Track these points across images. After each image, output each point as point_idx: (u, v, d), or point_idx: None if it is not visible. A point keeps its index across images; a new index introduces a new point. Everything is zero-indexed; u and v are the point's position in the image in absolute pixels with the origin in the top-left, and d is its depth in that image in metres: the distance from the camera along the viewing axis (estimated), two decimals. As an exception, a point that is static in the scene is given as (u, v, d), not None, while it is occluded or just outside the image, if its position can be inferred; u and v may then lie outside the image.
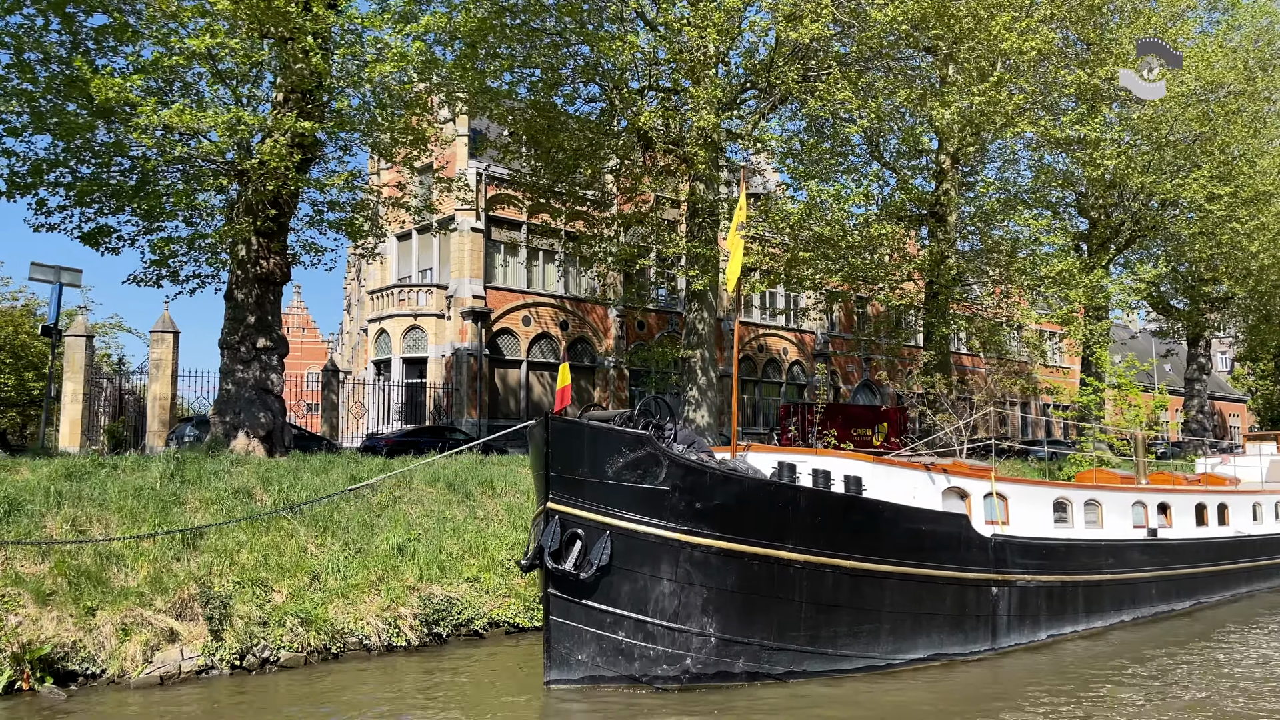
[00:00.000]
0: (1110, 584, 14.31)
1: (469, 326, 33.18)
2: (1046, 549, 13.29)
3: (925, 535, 11.59)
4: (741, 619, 10.51)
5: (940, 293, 31.28)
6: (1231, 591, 17.57)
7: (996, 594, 12.41)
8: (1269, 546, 19.12)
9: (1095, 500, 15.11)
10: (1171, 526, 16.72)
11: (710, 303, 25.58)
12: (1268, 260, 37.18)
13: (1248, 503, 19.09)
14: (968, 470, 13.47)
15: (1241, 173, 33.78)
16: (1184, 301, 47.18)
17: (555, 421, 10.72)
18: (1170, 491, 16.96)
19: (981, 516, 13.10)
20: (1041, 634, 13.13)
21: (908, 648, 11.48)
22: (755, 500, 10.54)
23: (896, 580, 11.30)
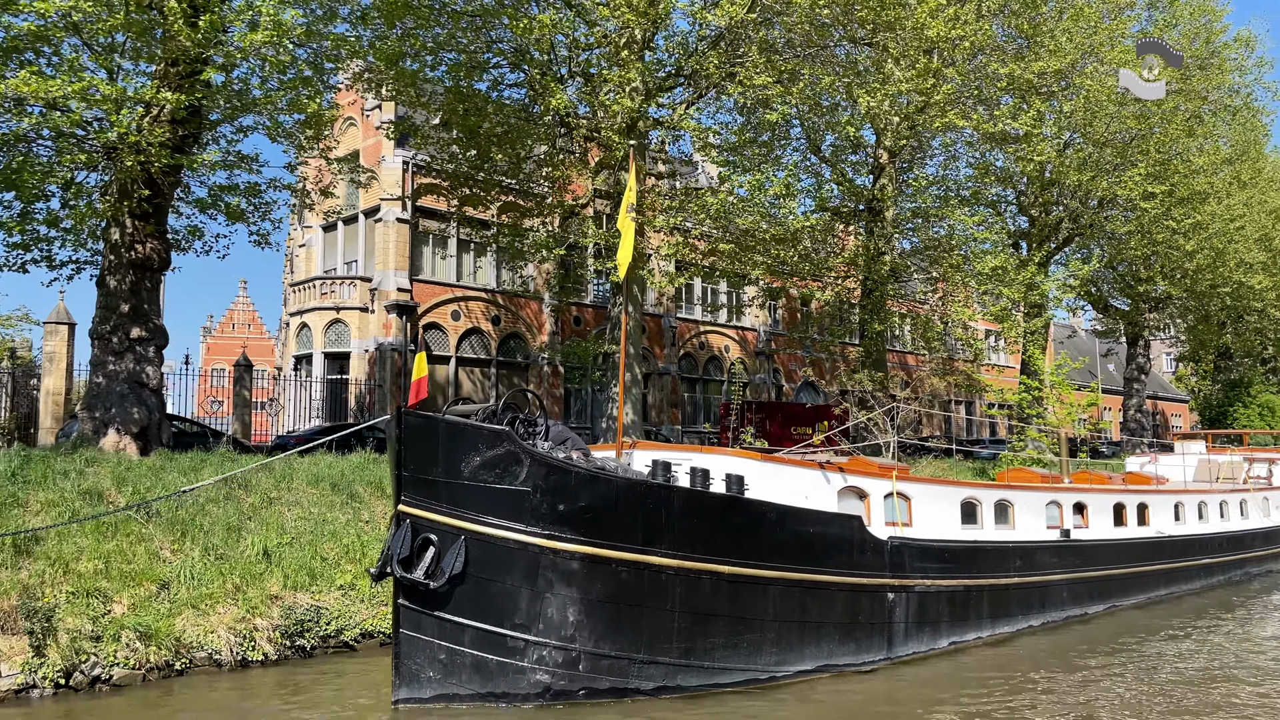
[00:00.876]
0: (1018, 587, 13.73)
1: (393, 320, 32.04)
2: (949, 552, 12.65)
3: (814, 538, 10.86)
4: (609, 631, 9.69)
5: (875, 289, 30.85)
6: (1150, 594, 17.12)
7: (893, 600, 11.73)
8: (1191, 547, 18.75)
9: (1006, 501, 14.52)
10: (1088, 527, 16.22)
11: (635, 296, 24.77)
12: (1204, 260, 37.37)
13: (1169, 503, 18.70)
14: (868, 469, 12.79)
15: (1177, 171, 33.79)
16: (1124, 301, 47.48)
17: (408, 416, 9.81)
18: (1087, 491, 16.47)
19: (881, 518, 12.42)
20: (942, 641, 12.48)
21: (794, 659, 10.74)
22: (624, 502, 9.72)
23: (781, 587, 10.55)
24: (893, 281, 31.03)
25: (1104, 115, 32.57)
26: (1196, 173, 34.31)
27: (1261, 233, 40.51)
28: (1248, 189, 37.13)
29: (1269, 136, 42.35)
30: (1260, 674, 12.05)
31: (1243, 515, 21.44)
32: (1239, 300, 44.57)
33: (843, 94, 22.41)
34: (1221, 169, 36.27)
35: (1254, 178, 38.62)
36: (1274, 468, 23.83)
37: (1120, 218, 34.56)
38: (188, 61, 15.53)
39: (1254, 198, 38.14)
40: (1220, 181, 35.50)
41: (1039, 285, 30.12)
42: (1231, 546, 20.01)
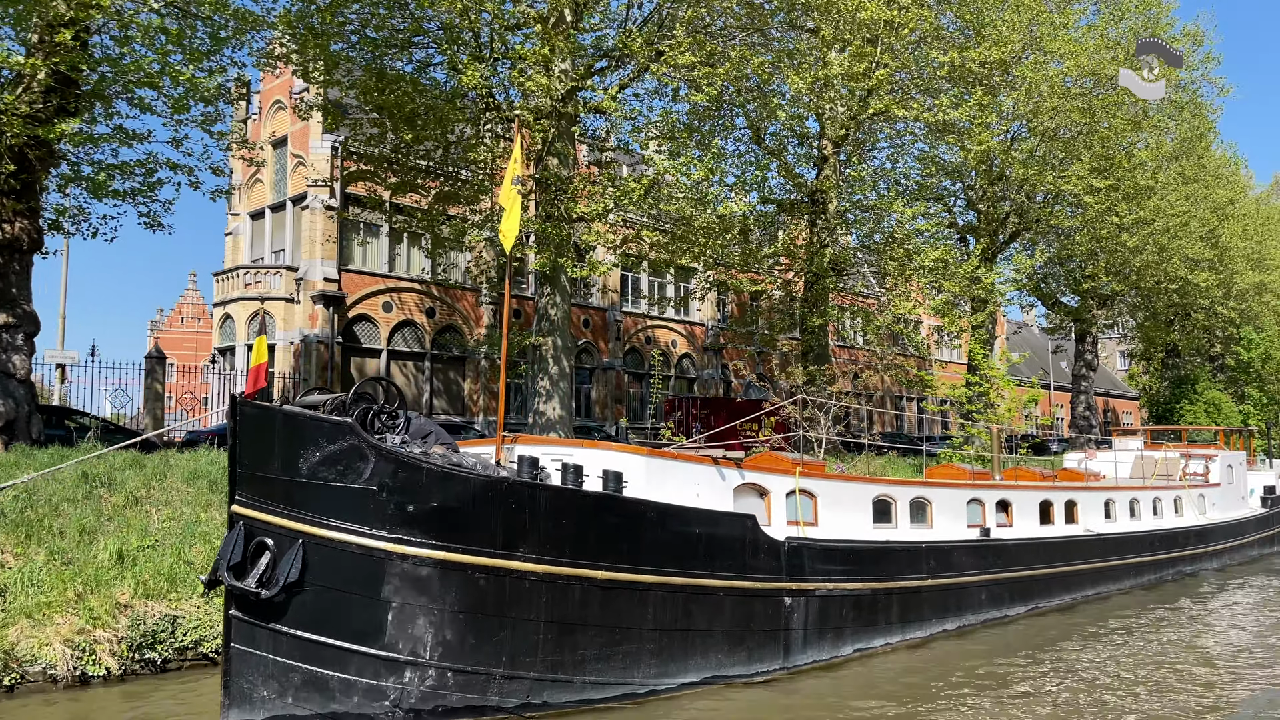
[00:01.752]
0: (932, 590, 13.03)
1: (320, 312, 30.84)
2: (854, 553, 11.91)
3: (700, 539, 10.04)
4: (466, 644, 8.79)
5: (817, 282, 30.22)
6: (1075, 594, 16.56)
7: (790, 605, 10.95)
8: (1121, 546, 18.25)
9: (923, 499, 13.84)
10: (1011, 526, 15.62)
11: (564, 286, 23.83)
12: (1150, 257, 37.26)
13: (1099, 500, 18.20)
14: (770, 465, 12.01)
15: (1121, 166, 33.55)
16: (1073, 298, 47.42)
17: (243, 406, 8.84)
18: (1012, 489, 15.87)
19: (782, 517, 11.65)
20: (846, 648, 11.74)
21: (677, 670, 9.91)
22: (483, 502, 8.82)
23: (662, 593, 9.72)
24: (834, 275, 30.42)
25: (1047, 108, 32.25)
26: (1140, 168, 34.11)
27: (1207, 229, 40.56)
28: (1191, 184, 37.03)
29: (1215, 133, 42.40)
30: (1179, 678, 11.46)
31: (1176, 513, 21.05)
32: (1185, 298, 44.69)
33: (773, 77, 21.63)
34: (1166, 164, 36.14)
35: (1199, 173, 38.57)
36: (1210, 464, 23.50)
37: (1065, 213, 34.25)
38: (62, 26, 14.40)
39: (1198, 193, 38.09)
40: (1165, 177, 35.35)
41: (982, 279, 29.66)
42: (1163, 545, 19.56)
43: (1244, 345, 51.34)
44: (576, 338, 38.94)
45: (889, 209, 27.83)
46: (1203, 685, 11.19)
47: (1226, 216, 42.63)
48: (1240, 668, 12.14)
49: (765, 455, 13.46)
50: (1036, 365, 70.52)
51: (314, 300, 30.85)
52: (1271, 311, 52.88)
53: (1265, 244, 51.14)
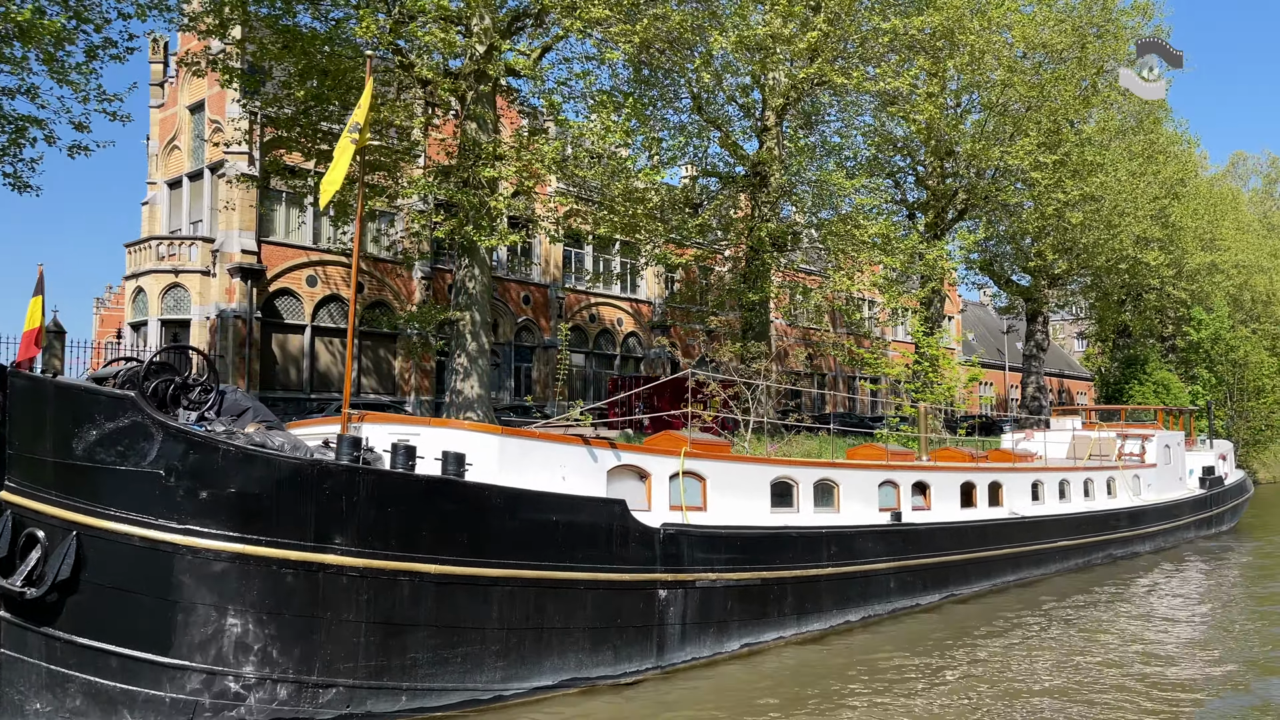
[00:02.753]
0: (833, 579, 12.17)
1: (237, 285, 29.38)
2: (742, 540, 10.98)
3: (557, 528, 9.04)
4: (272, 649, 7.73)
5: (756, 257, 29.29)
6: (995, 580, 15.83)
7: (665, 598, 10.00)
8: (1048, 529, 17.56)
9: (829, 481, 12.95)
10: (929, 509, 14.81)
11: (482, 259, 22.66)
12: (1099, 235, 36.73)
13: (1026, 481, 17.47)
14: (656, 446, 11.04)
15: (1068, 141, 32.89)
16: (1025, 278, 46.97)
17: (13, 378, 7.68)
18: (930, 470, 15.05)
19: (664, 501, 10.69)
20: (732, 644, 10.83)
21: (529, 673, 8.93)
22: (291, 488, 7.74)
23: (510, 588, 8.72)
24: (776, 250, 29.50)
25: (997, 82, 31.50)
26: (1087, 143, 33.49)
27: (1157, 208, 40.14)
28: (1138, 160, 36.51)
29: (1167, 111, 41.94)
30: (1090, 671, 10.69)
31: (1109, 494, 20.44)
32: (1136, 277, 44.39)
33: (699, 38, 20.55)
34: (1114, 140, 35.57)
35: (1148, 149, 38.08)
36: (1147, 444, 22.94)
37: (1012, 189, 33.58)
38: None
39: (1147, 170, 37.61)
40: (1113, 153, 34.77)
41: (924, 255, 28.89)
42: (1093, 528, 18.93)
43: (1194, 326, 51.29)
44: (516, 315, 37.86)
45: (831, 180, 26.88)
46: (1115, 680, 10.43)
47: (1177, 195, 42.26)
48: (1158, 659, 11.42)
49: (663, 435, 12.50)
50: (992, 346, 70.46)
51: (231, 273, 29.38)
52: (1222, 292, 52.89)
53: (1217, 224, 51.07)
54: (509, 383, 37.43)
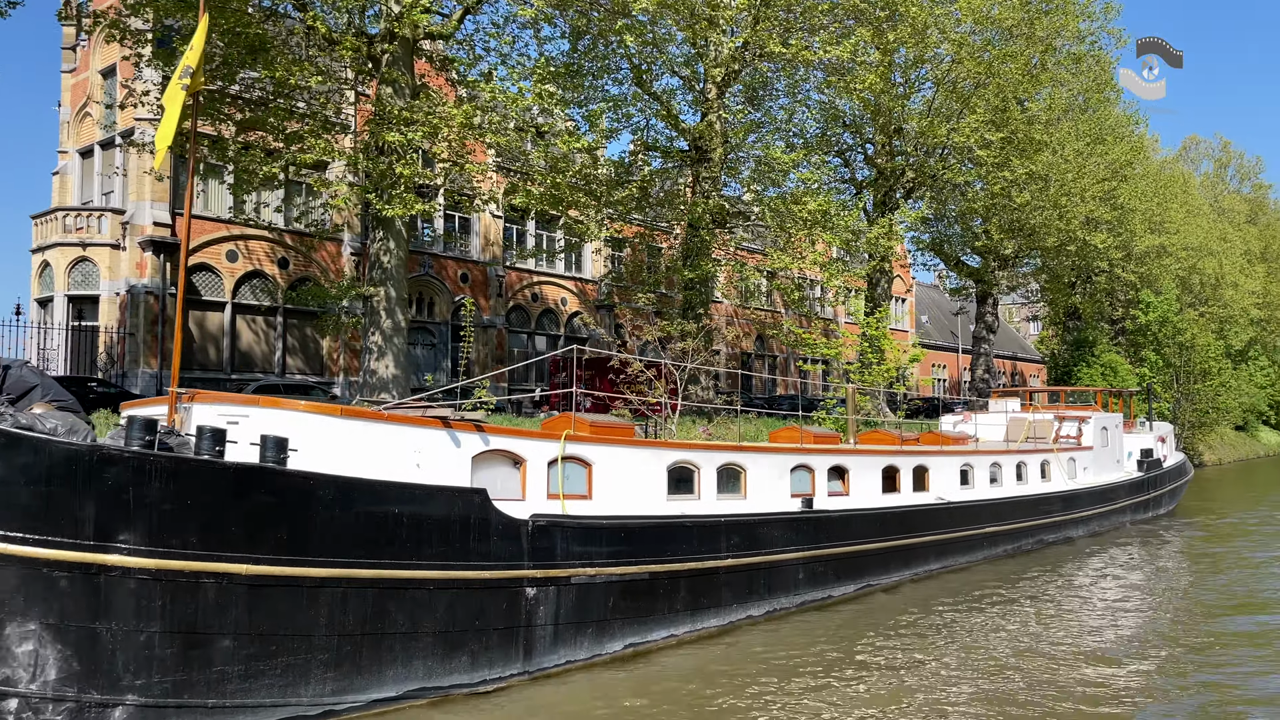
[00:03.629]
0: (735, 571, 11.32)
1: (150, 259, 27.84)
2: (630, 532, 10.07)
3: (401, 522, 8.05)
4: (42, 662, 6.68)
5: (696, 234, 28.38)
6: (916, 569, 15.12)
7: (534, 596, 9.07)
8: (975, 514, 16.89)
9: (735, 466, 12.08)
10: (847, 495, 14.03)
11: (399, 231, 21.48)
12: (1048, 217, 36.30)
13: (955, 465, 16.77)
14: (539, 429, 10.08)
15: (1016, 119, 32.30)
16: (975, 259, 46.58)
17: None
18: (849, 454, 14.25)
19: (542, 490, 9.74)
20: (615, 644, 9.93)
21: (367, 684, 7.96)
22: (64, 479, 6.66)
23: (342, 590, 7.73)
24: (713, 227, 28.59)
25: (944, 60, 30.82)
26: (1034, 121, 32.92)
27: (1106, 189, 39.82)
28: (1085, 139, 36.06)
29: (1118, 91, 41.58)
30: (1014, 663, 9.95)
31: (1043, 477, 19.87)
32: (1084, 259, 44.18)
33: None
34: (1061, 119, 35.06)
35: (1096, 129, 37.66)
36: (1084, 426, 22.43)
37: (959, 168, 32.95)
38: None
39: (1094, 150, 37.20)
40: (1059, 132, 34.27)
41: (866, 232, 28.15)
42: (1025, 512, 18.32)
43: (1142, 309, 51.38)
44: (454, 293, 36.62)
45: (769, 154, 26.00)
46: (1040, 672, 9.70)
47: (1125, 177, 42.00)
48: (1086, 648, 10.73)
49: (560, 418, 11.54)
50: (946, 329, 70.39)
51: (143, 246, 27.83)
52: (1171, 275, 53.03)
53: (1166, 207, 51.08)
54: (445, 363, 36.24)
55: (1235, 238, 68.08)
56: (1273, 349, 79.28)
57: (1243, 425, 68.54)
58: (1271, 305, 73.55)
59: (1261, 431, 73.98)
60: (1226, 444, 62.02)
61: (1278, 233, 77.27)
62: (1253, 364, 72.21)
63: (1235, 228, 70.26)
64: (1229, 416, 58.12)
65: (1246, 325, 67.47)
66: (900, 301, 64.08)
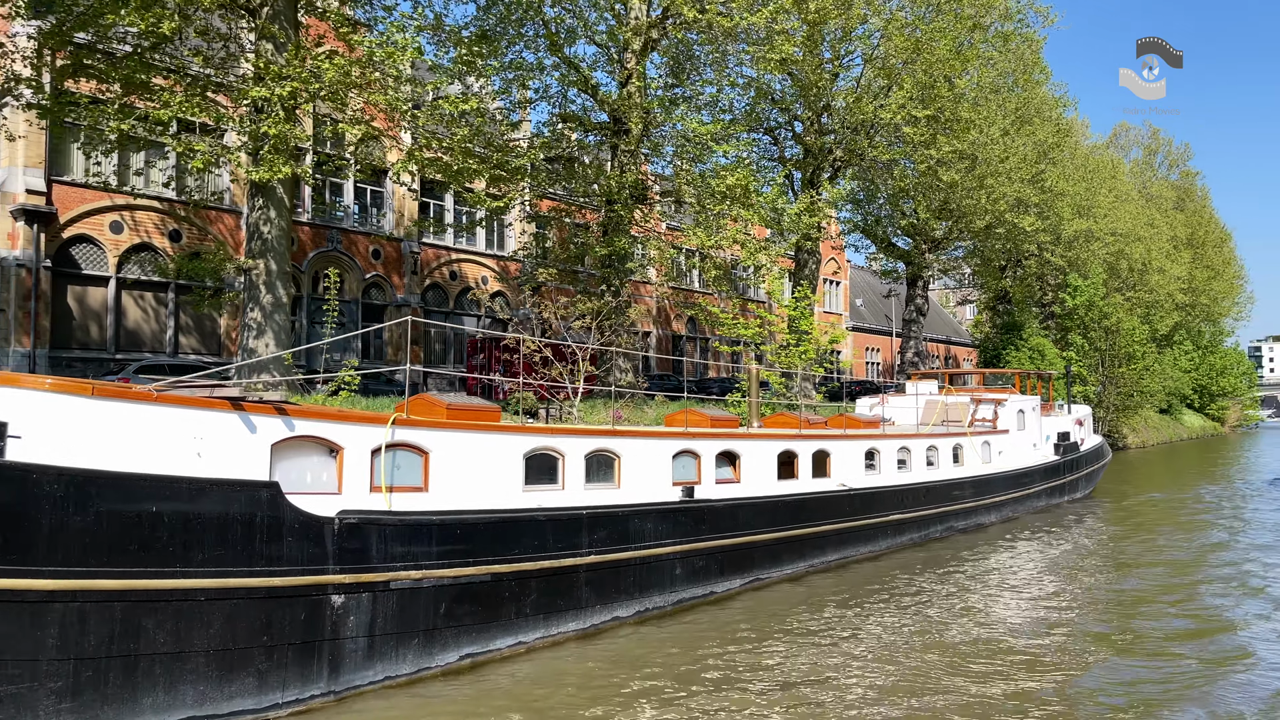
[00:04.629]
0: (596, 569, 10.25)
1: (21, 230, 25.73)
2: (468, 528, 8.93)
3: (160, 522, 6.79)
4: None
5: (613, 210, 27.23)
6: (812, 561, 14.25)
7: (343, 606, 7.89)
8: (879, 501, 16.09)
9: (606, 453, 10.99)
10: (739, 482, 13.06)
11: (280, 199, 19.93)
12: (979, 200, 35.89)
13: (859, 449, 15.93)
14: (352, 413, 8.85)
15: (942, 96, 31.67)
16: (906, 241, 46.22)
17: None
18: (741, 438, 13.26)
19: (363, 482, 8.53)
20: (448, 655, 8.80)
21: (115, 715, 6.70)
22: None
23: (79, 605, 6.45)
24: (631, 202, 27.44)
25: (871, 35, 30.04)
26: (961, 99, 32.34)
27: (1034, 171, 39.58)
28: (1010, 117, 35.65)
29: (1045, 73, 41.31)
30: (913, 658, 9.06)
31: (956, 462, 19.20)
32: (1013, 242, 44.05)
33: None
34: (989, 98, 34.58)
35: (1021, 108, 37.30)
36: (1000, 409, 21.86)
37: (884, 145, 32.26)
38: None
39: (1021, 130, 36.85)
40: (987, 111, 33.77)
41: (787, 209, 27.25)
42: (933, 498, 17.61)
43: (1070, 293, 51.66)
44: (365, 270, 34.95)
45: (684, 124, 24.91)
46: (937, 669, 8.82)
47: (1053, 160, 41.86)
48: (988, 639, 9.90)
49: (415, 400, 10.33)
50: (880, 312, 70.38)
51: (14, 216, 25.71)
52: (1099, 260, 53.39)
53: (1094, 191, 51.33)
54: (355, 344, 34.59)
55: (1162, 224, 69.10)
56: (1197, 334, 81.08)
57: (1166, 408, 69.88)
58: (1196, 291, 75.02)
59: (1184, 414, 75.58)
60: (1150, 427, 63.08)
61: (1204, 219, 78.78)
62: (1177, 348, 73.68)
63: (1163, 214, 71.34)
64: (1153, 400, 59.03)
65: (1171, 310, 68.65)
66: (835, 285, 63.81)
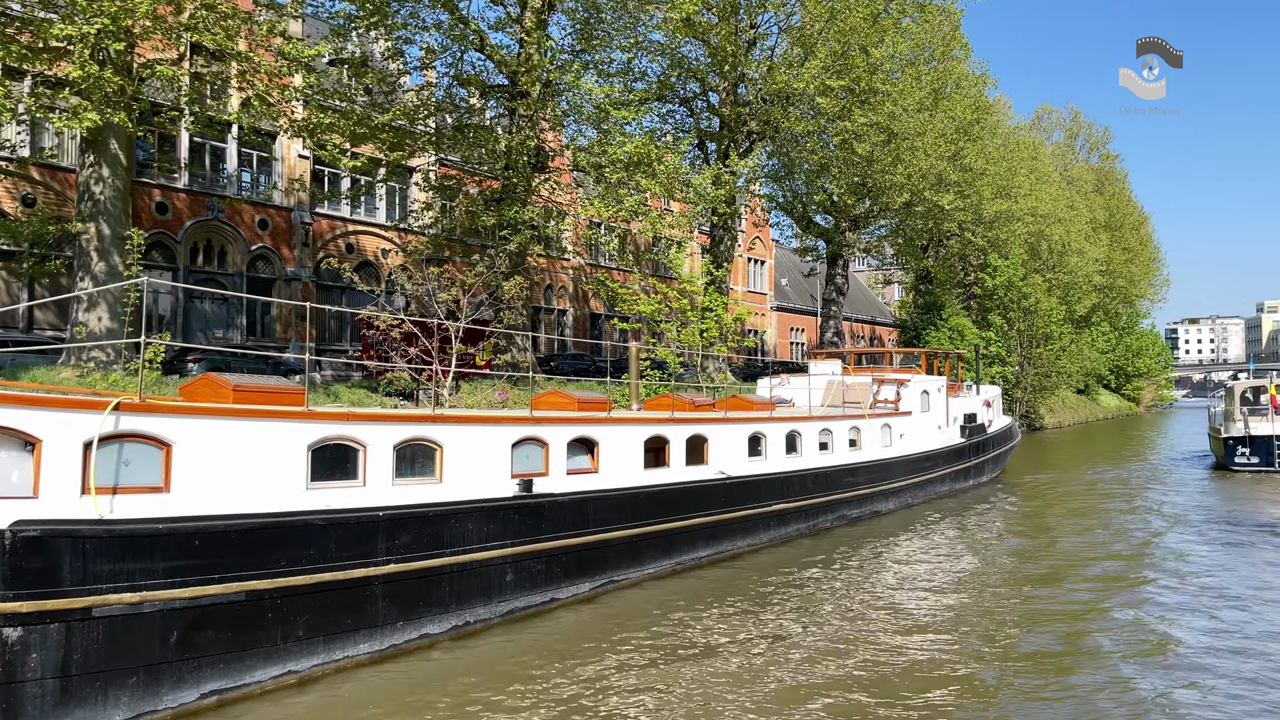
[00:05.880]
0: (396, 579, 8.73)
1: None
2: (213, 537, 7.33)
3: None
4: None
5: (512, 180, 25.53)
6: (680, 559, 12.92)
7: (19, 641, 6.25)
8: (766, 489, 14.85)
9: (426, 442, 9.45)
10: (598, 472, 11.64)
11: (114, 155, 17.80)
12: (896, 178, 35.03)
13: (742, 434, 14.64)
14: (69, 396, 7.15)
15: (857, 66, 30.57)
16: (827, 219, 45.33)
17: None
18: (602, 423, 11.83)
19: (71, 483, 6.85)
20: (184, 694, 7.21)
21: None
22: None
23: None
24: (531, 170, 25.76)
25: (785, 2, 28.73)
26: (876, 70, 31.28)
27: (953, 149, 38.87)
28: (926, 89, 34.78)
29: (965, 49, 40.58)
30: (789, 666, 7.75)
31: (852, 446, 18.09)
32: (934, 221, 43.46)
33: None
34: (904, 69, 33.63)
35: (938, 81, 36.48)
36: (903, 390, 20.85)
37: (798, 116, 31.06)
38: None
39: (939, 104, 36.04)
40: (903, 83, 32.81)
41: (692, 179, 25.88)
42: (823, 485, 16.46)
43: (989, 272, 51.50)
44: (250, 241, 32.58)
45: (579, 86, 23.29)
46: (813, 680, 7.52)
47: (972, 137, 41.26)
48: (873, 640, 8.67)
49: (207, 379, 8.66)
50: (806, 292, 69.79)
51: None
52: (1019, 240, 53.33)
53: (1014, 171, 51.10)
54: (240, 321, 32.31)
55: (1082, 206, 69.75)
56: (1114, 315, 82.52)
57: (1084, 389, 70.88)
58: (1114, 273, 76.11)
59: (1101, 395, 76.89)
60: (1067, 407, 63.78)
61: (1122, 202, 79.92)
62: (1095, 330, 74.74)
63: (1083, 196, 72.03)
64: (1070, 380, 59.56)
65: (1090, 291, 69.42)
66: (759, 264, 62.89)
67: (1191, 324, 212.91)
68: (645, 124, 25.82)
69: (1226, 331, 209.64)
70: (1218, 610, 10.88)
